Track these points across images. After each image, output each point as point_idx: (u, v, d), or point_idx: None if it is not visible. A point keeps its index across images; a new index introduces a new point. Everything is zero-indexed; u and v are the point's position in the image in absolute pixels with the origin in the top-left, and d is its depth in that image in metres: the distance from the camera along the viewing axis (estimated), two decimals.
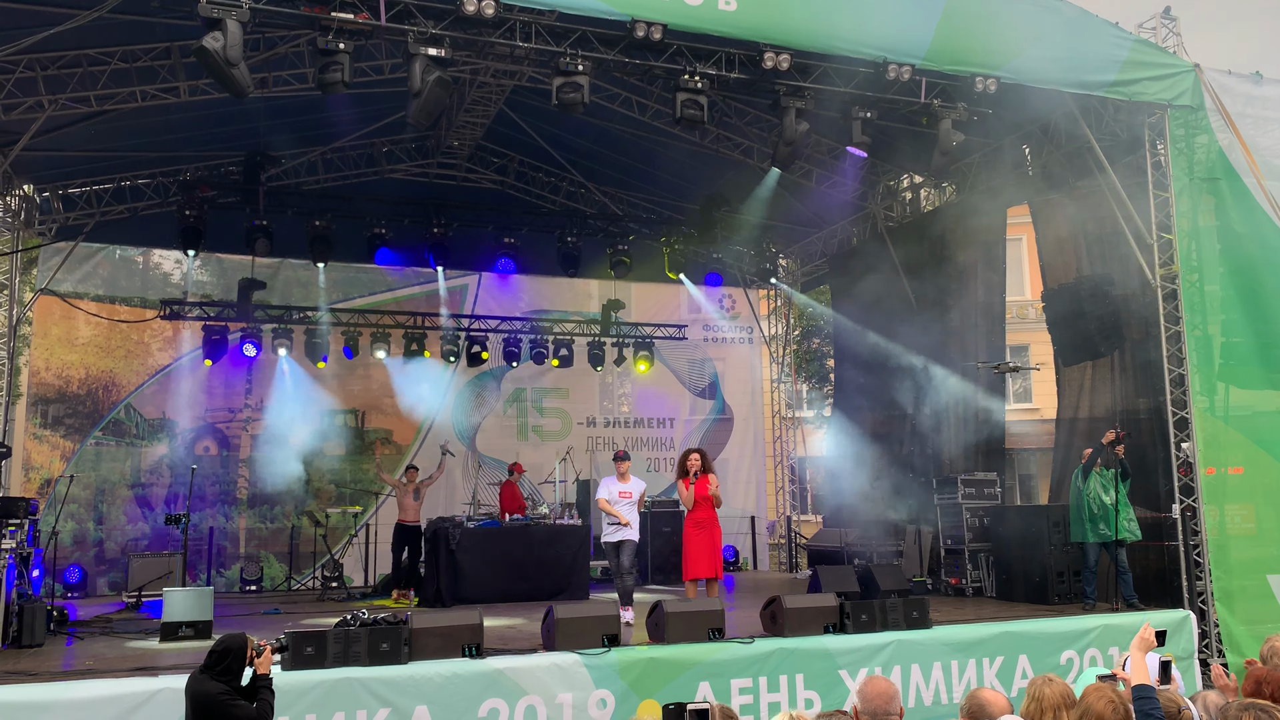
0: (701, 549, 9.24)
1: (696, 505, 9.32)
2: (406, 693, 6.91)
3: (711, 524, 9.34)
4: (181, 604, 8.93)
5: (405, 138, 14.36)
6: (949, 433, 13.71)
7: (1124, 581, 10.10)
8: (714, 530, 9.36)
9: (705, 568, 9.23)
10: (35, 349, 14.55)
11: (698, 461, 9.41)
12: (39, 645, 8.54)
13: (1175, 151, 10.56)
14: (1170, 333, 10.53)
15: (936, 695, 8.45)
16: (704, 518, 9.33)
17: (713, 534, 9.32)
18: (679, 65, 9.05)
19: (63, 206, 13.93)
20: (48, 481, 14.05)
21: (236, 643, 5.43)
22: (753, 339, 18.51)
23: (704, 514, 9.34)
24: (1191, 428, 10.25)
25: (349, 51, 8.13)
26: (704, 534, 9.29)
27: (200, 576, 14.06)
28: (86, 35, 9.45)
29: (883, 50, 9.24)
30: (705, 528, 9.31)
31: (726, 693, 7.73)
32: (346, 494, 15.36)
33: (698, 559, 9.26)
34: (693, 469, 9.37)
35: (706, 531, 9.29)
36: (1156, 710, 4.08)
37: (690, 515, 9.39)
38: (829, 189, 14.30)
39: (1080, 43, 9.88)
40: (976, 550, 12.13)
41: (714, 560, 9.29)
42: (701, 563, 9.23)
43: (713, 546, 9.27)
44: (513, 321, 16.60)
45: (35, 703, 6.23)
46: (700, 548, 9.25)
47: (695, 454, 9.52)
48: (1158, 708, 4.11)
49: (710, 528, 9.32)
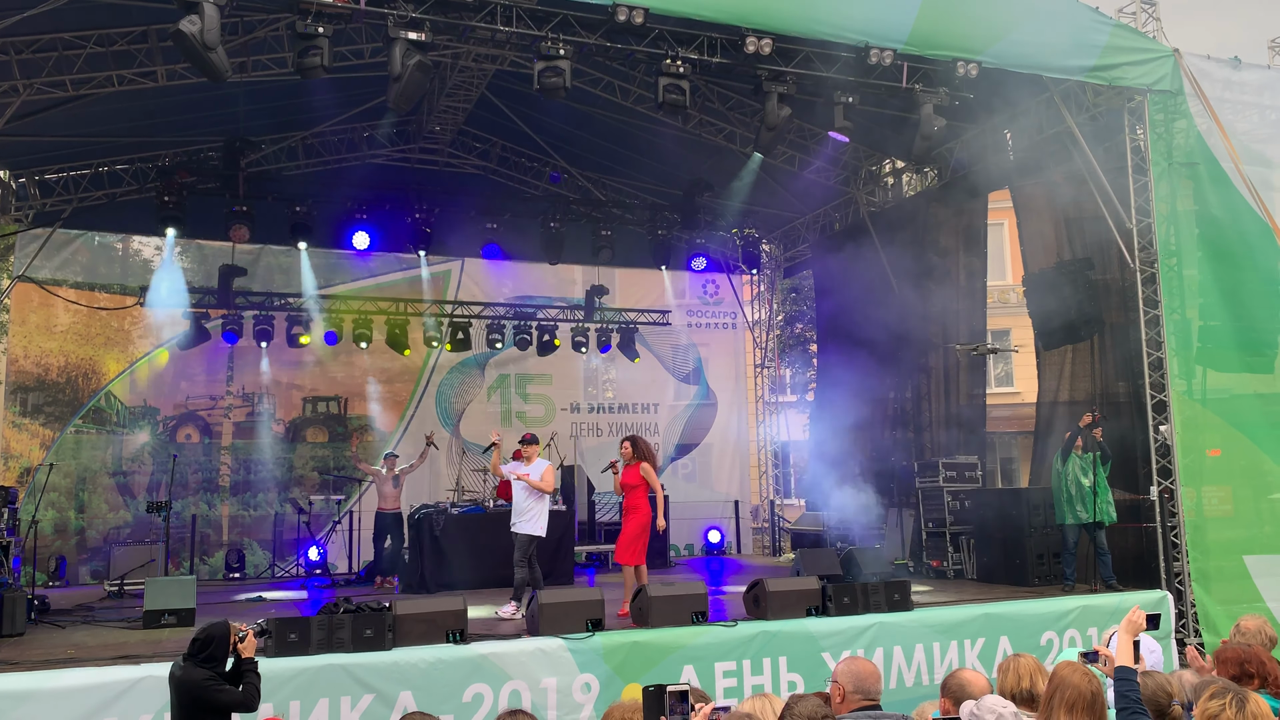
0: (629, 536, 9.27)
1: (625, 493, 9.38)
2: (391, 679, 6.93)
3: (637, 510, 9.30)
4: (164, 592, 8.90)
5: (386, 122, 14.25)
6: (930, 416, 13.80)
7: (1103, 563, 10.21)
8: (640, 516, 9.30)
9: (631, 554, 9.23)
10: (13, 336, 14.41)
11: (628, 449, 9.42)
12: (20, 634, 8.49)
13: (1154, 136, 10.63)
14: (1149, 316, 10.61)
15: (918, 676, 8.54)
16: (631, 504, 9.35)
17: (638, 520, 9.28)
18: (661, 50, 9.03)
19: (39, 192, 13.78)
20: (27, 470, 13.94)
21: (219, 630, 5.43)
22: (736, 324, 18.54)
23: (631, 501, 9.36)
24: (1170, 410, 10.35)
25: (328, 35, 8.07)
26: (630, 520, 9.31)
27: (183, 565, 14.01)
28: (62, 19, 9.32)
29: (864, 34, 9.25)
30: (632, 514, 9.32)
31: (710, 676, 7.79)
32: (329, 481, 15.32)
33: (624, 546, 9.30)
34: (625, 457, 9.42)
35: (633, 518, 9.30)
36: (1134, 692, 4.12)
37: (624, 503, 9.45)
38: (812, 174, 14.31)
39: (1060, 27, 9.92)
40: (958, 533, 12.23)
41: (639, 545, 9.26)
42: (629, 549, 9.24)
43: (640, 532, 9.25)
44: (496, 307, 16.55)
45: (16, 692, 6.21)
46: (628, 535, 9.28)
47: (626, 442, 9.50)
48: (1136, 689, 4.15)
49: (635, 514, 9.30)
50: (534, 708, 7.20)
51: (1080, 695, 3.78)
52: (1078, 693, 3.79)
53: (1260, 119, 11.10)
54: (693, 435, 17.98)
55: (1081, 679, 3.83)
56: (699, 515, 17.09)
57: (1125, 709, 4.04)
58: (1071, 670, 3.92)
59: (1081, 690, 3.80)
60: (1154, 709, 4.37)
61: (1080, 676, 3.85)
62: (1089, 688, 3.80)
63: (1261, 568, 10.20)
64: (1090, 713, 3.77)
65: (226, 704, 5.35)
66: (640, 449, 9.47)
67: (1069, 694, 3.80)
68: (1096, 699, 3.80)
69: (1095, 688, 3.82)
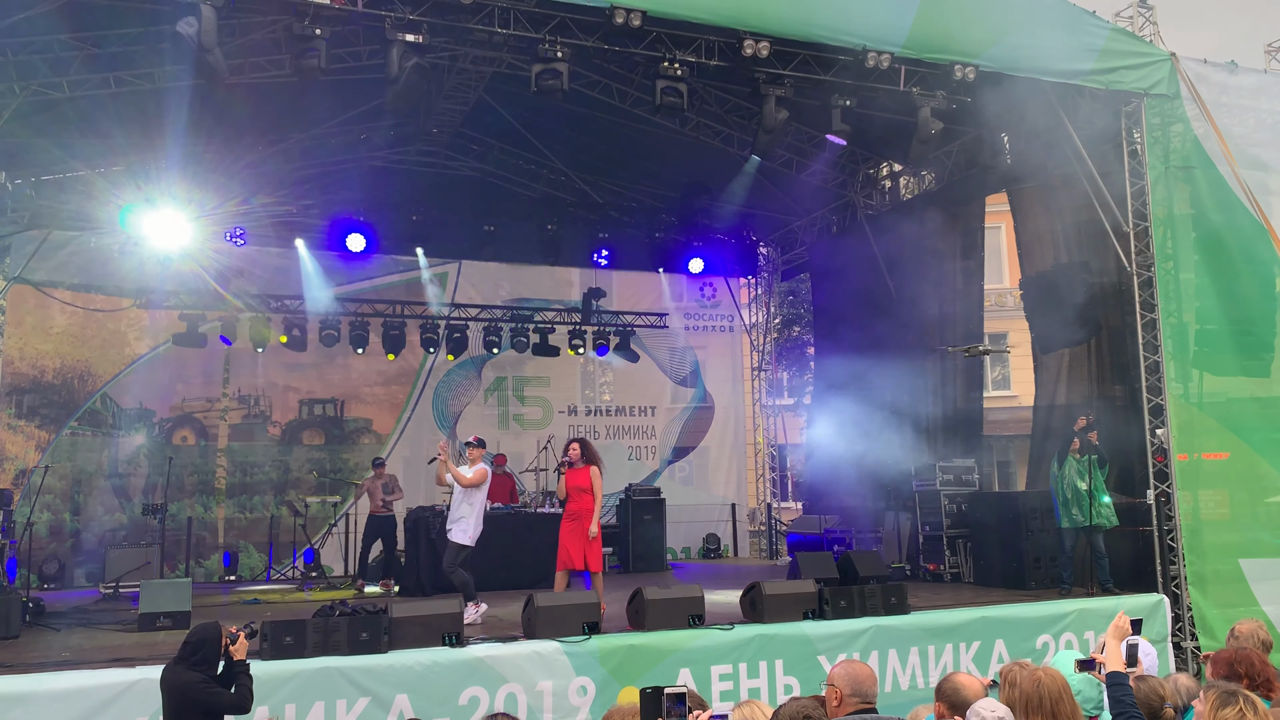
0: (570, 542, 8.94)
1: (570, 497, 9.02)
2: (387, 682, 6.91)
3: (585, 515, 8.97)
4: (159, 595, 8.88)
5: (383, 124, 14.22)
6: (928, 420, 13.79)
7: (1100, 566, 10.21)
8: (582, 522, 8.97)
9: (578, 559, 8.91)
10: (9, 338, 14.38)
11: (577, 451, 9.08)
12: (15, 637, 8.46)
13: (1151, 140, 10.65)
14: (1146, 320, 10.62)
15: (913, 680, 8.53)
16: (577, 509, 9.00)
17: (580, 526, 8.95)
18: (658, 52, 9.03)
19: (35, 194, 13.74)
20: (23, 472, 13.91)
21: (211, 632, 5.43)
22: (734, 327, 18.54)
23: (577, 505, 9.01)
24: (1166, 414, 10.36)
25: (326, 37, 8.07)
26: (573, 526, 8.96)
27: (179, 567, 13.98)
28: (59, 20, 9.31)
29: (862, 38, 9.26)
30: (575, 519, 8.98)
31: (706, 679, 7.78)
32: (325, 483, 15.30)
33: (564, 551, 8.95)
34: (573, 459, 9.03)
35: (579, 524, 8.95)
36: (1128, 697, 4.14)
37: (566, 507, 9.07)
38: (809, 177, 14.30)
39: (1058, 31, 9.94)
40: (954, 536, 12.23)
41: (588, 552, 8.93)
42: (568, 555, 8.92)
43: (584, 538, 8.92)
44: (493, 310, 16.54)
45: (10, 695, 6.19)
46: (569, 540, 8.94)
47: (575, 444, 9.16)
48: (1129, 693, 4.18)
49: (579, 519, 8.97)
50: (530, 710, 7.20)
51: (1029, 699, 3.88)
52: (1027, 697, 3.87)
53: (1257, 123, 11.12)
54: (690, 438, 17.97)
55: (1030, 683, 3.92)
56: (696, 518, 17.09)
57: (1120, 713, 4.06)
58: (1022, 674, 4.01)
59: (1029, 694, 3.88)
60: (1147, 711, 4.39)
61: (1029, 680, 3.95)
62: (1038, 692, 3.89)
63: (1258, 571, 10.20)
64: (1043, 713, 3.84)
65: (219, 706, 5.35)
66: (589, 452, 9.17)
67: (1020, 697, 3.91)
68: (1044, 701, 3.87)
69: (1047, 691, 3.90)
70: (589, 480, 9.02)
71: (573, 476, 9.05)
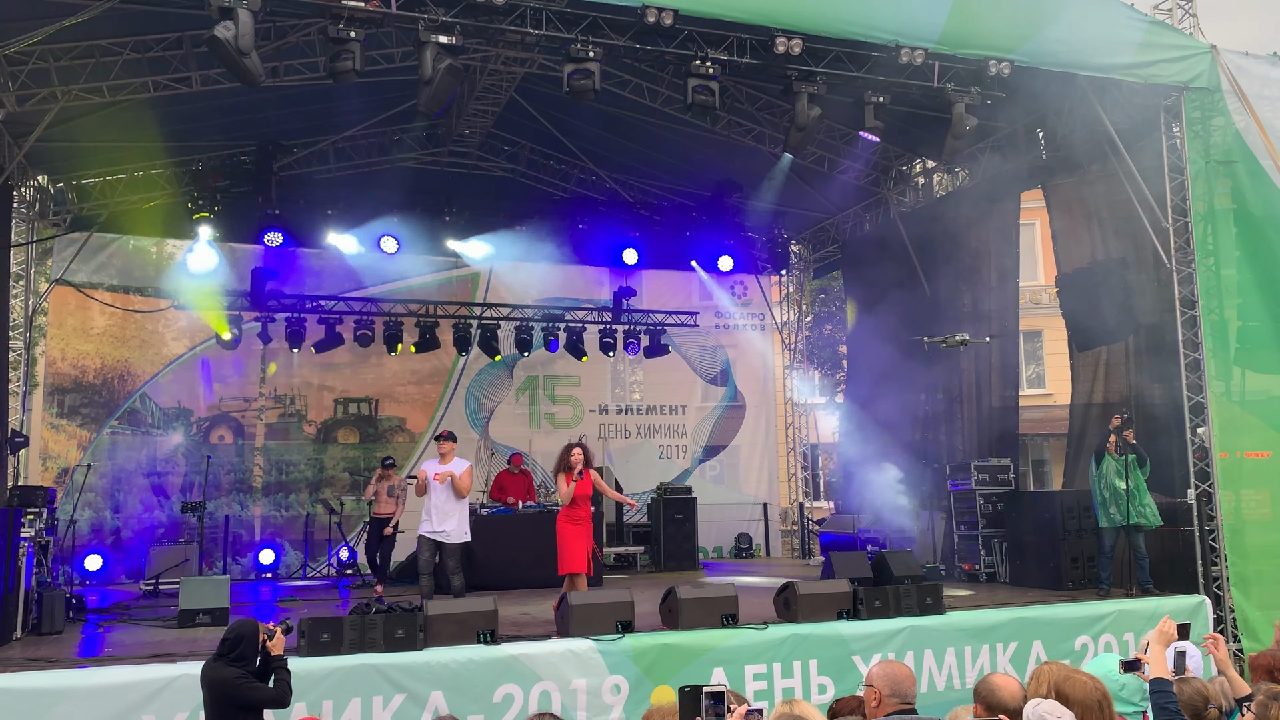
0: (579, 546, 8.92)
1: (575, 503, 8.97)
2: (422, 679, 6.96)
3: (588, 520, 9.04)
4: (198, 592, 9.00)
5: (416, 126, 14.32)
6: (962, 418, 13.67)
7: (1140, 567, 10.07)
8: (590, 527, 9.06)
9: (582, 563, 8.91)
10: (51, 339, 14.63)
11: (581, 457, 9.00)
12: (58, 632, 8.62)
13: (1191, 134, 10.47)
14: (1186, 317, 10.46)
15: (949, 681, 8.46)
16: (582, 515, 8.99)
17: (589, 530, 9.03)
18: (690, 51, 9.01)
19: (77, 197, 13.99)
20: (65, 470, 14.15)
21: (248, 629, 5.49)
22: (765, 326, 18.47)
23: (582, 511, 9.00)
24: (1207, 413, 10.19)
25: (360, 39, 8.12)
26: (581, 530, 8.95)
27: (216, 564, 14.16)
28: (99, 26, 9.45)
29: (895, 34, 9.18)
30: (582, 524, 8.98)
31: (740, 679, 7.76)
32: (360, 482, 15.43)
33: (575, 555, 8.90)
34: (577, 465, 8.95)
35: (584, 528, 8.96)
36: (1172, 704, 4.09)
37: (567, 511, 8.99)
38: (841, 174, 14.23)
39: (1095, 25, 9.80)
40: (990, 536, 12.12)
41: (590, 557, 9.01)
42: (580, 558, 8.90)
43: (589, 543, 8.99)
44: (524, 309, 16.59)
45: (54, 689, 6.30)
46: (577, 544, 8.92)
47: (578, 449, 9.09)
48: (1174, 700, 4.12)
49: (587, 524, 9.02)
50: (564, 709, 7.21)
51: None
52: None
53: None
54: (721, 437, 17.93)
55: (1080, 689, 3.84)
56: (728, 517, 17.05)
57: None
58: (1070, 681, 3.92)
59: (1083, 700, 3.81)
60: (1191, 713, 4.32)
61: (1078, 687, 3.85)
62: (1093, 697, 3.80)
63: None
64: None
65: (260, 701, 5.40)
66: (590, 457, 9.15)
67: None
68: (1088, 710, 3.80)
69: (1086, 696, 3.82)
70: (591, 486, 9.05)
71: (583, 485, 8.99)
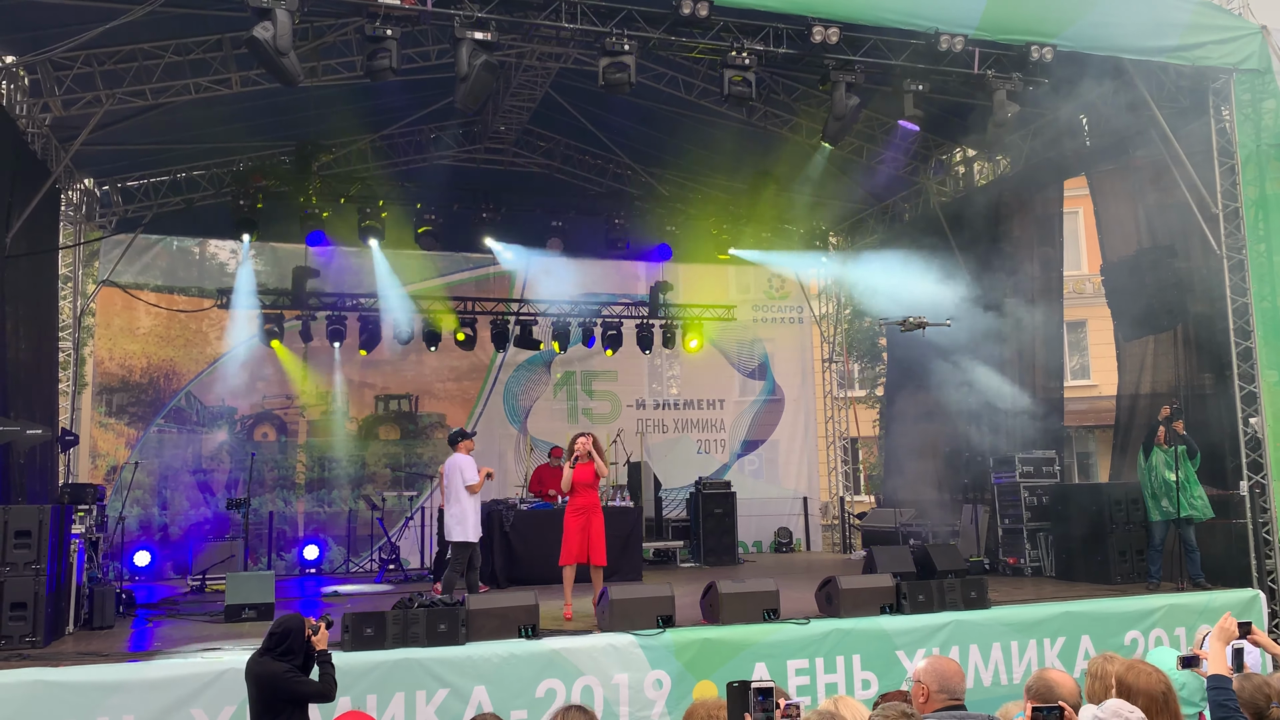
0: (572, 538, 8.85)
1: (576, 491, 8.90)
2: (465, 673, 7.00)
3: (592, 509, 8.90)
4: (244, 587, 9.12)
5: (452, 123, 14.41)
6: (1005, 410, 13.46)
7: (1191, 560, 9.88)
8: (594, 515, 8.91)
9: (572, 555, 8.84)
10: (99, 339, 14.91)
11: (586, 445, 8.92)
12: (109, 627, 8.77)
13: (1241, 117, 10.22)
14: (1237, 305, 10.22)
15: (996, 676, 8.35)
16: (584, 504, 8.91)
17: (593, 519, 8.89)
18: (726, 42, 8.95)
19: (122, 199, 14.23)
20: (114, 468, 14.42)
21: (295, 623, 5.54)
22: (803, 319, 18.34)
23: (585, 500, 8.91)
24: (1260, 402, 9.96)
25: (396, 38, 8.16)
26: (577, 521, 8.88)
27: (261, 560, 14.35)
28: (140, 30, 9.60)
29: (934, 20, 9.05)
30: (580, 514, 8.89)
31: (783, 674, 7.71)
32: (401, 478, 15.56)
33: (567, 547, 8.86)
34: (578, 452, 8.87)
35: (580, 519, 8.87)
36: (1231, 701, 4.00)
37: (570, 500, 8.93)
38: (880, 164, 14.07)
39: (1139, 7, 9.58)
40: (1035, 529, 11.94)
41: (595, 547, 8.86)
42: (570, 550, 8.84)
43: (594, 533, 8.84)
44: (562, 305, 16.62)
45: (106, 683, 6.41)
46: (571, 537, 8.85)
47: (584, 437, 9.03)
48: (1233, 698, 4.04)
49: (590, 513, 8.89)
50: (606, 704, 7.22)
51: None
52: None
53: None
54: (760, 431, 17.84)
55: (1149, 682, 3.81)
56: (767, 512, 16.98)
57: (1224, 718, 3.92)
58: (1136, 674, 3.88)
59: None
60: (1252, 711, 4.22)
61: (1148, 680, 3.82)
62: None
63: None
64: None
65: (306, 694, 5.46)
66: (598, 445, 9.09)
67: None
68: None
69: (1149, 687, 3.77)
70: (594, 475, 8.96)
71: (583, 472, 8.92)
